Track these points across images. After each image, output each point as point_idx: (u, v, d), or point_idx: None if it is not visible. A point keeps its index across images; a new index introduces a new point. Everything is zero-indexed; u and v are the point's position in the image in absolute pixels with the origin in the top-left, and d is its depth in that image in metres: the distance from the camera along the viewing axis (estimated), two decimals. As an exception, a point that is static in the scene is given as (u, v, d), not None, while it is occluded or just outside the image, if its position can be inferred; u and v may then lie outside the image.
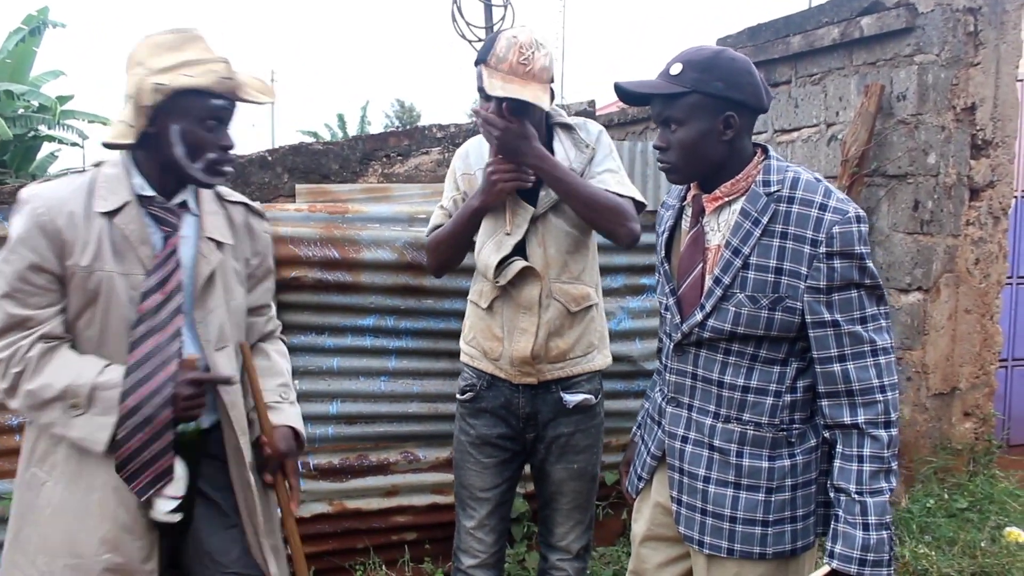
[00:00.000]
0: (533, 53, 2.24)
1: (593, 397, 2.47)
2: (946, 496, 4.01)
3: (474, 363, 2.49)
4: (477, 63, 2.29)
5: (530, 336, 2.36)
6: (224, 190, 2.12)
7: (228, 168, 1.93)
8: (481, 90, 2.26)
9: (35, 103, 16.46)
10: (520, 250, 2.36)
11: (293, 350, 3.39)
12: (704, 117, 1.77)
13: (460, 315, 3.44)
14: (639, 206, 2.41)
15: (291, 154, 5.54)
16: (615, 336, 3.44)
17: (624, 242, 2.37)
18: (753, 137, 1.94)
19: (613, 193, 2.35)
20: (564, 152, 2.40)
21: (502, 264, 2.34)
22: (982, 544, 3.59)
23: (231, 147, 1.92)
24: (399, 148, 5.64)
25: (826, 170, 4.63)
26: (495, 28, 5.37)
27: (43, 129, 17.18)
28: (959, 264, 4.18)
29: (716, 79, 1.76)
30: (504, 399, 2.44)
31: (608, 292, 3.49)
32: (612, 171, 2.43)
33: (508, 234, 2.35)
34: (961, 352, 4.25)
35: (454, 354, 3.13)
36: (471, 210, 2.36)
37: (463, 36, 5.41)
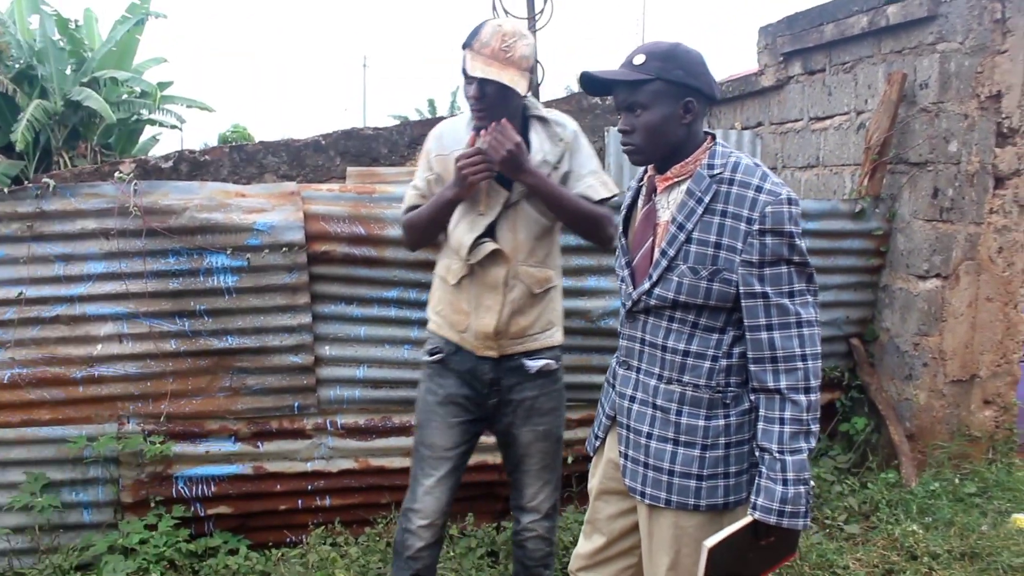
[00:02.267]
0: (515, 41, 2.41)
1: (554, 362, 2.68)
2: (957, 481, 4.06)
3: (441, 332, 2.69)
4: (463, 47, 2.47)
5: (494, 314, 2.56)
6: None
7: None
8: (464, 72, 2.45)
9: (138, 89, 17.44)
10: (491, 231, 2.55)
11: (323, 318, 3.71)
12: (666, 102, 1.94)
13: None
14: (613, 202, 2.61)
15: (343, 138, 5.88)
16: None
17: (602, 246, 2.61)
18: (789, 126, 2.07)
19: (594, 203, 2.55)
20: (539, 144, 2.57)
21: (475, 244, 2.53)
22: (983, 528, 3.64)
23: None
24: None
25: (855, 157, 4.68)
26: (537, 20, 5.49)
27: (145, 113, 18.20)
28: (981, 252, 4.19)
29: (677, 68, 1.93)
30: (470, 365, 2.64)
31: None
32: (595, 172, 2.62)
33: (481, 214, 2.54)
34: (982, 340, 4.27)
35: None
36: (446, 200, 2.52)
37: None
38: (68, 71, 16.36)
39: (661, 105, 1.94)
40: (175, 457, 3.60)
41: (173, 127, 19.03)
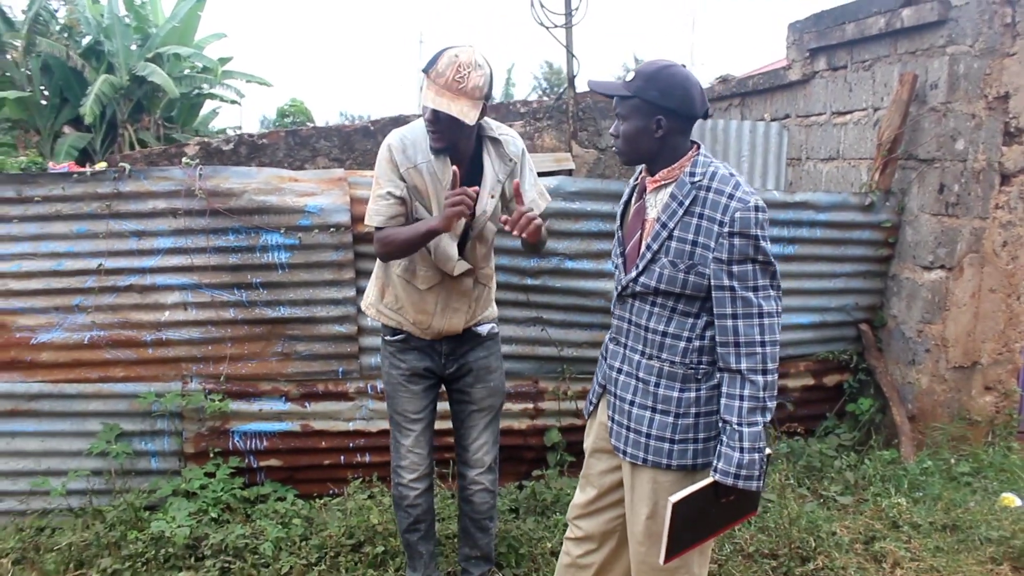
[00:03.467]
0: (469, 72, 2.61)
1: (495, 326, 3.14)
2: (952, 461, 4.32)
3: (393, 324, 3.03)
4: (423, 71, 2.69)
5: (462, 315, 2.98)
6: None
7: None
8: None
9: (199, 64, 18.07)
10: (461, 247, 2.91)
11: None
12: (641, 117, 2.27)
13: (510, 270, 4.03)
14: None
15: (391, 124, 6.24)
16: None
17: (536, 254, 3.17)
18: (813, 119, 2.24)
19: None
20: (490, 164, 2.87)
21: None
22: (970, 505, 3.91)
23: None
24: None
25: (871, 152, 4.91)
26: (573, 15, 5.78)
27: (206, 88, 18.86)
28: (986, 245, 4.42)
29: (654, 89, 2.25)
30: (428, 342, 3.03)
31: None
32: (535, 186, 2.98)
33: (456, 235, 2.87)
34: (984, 329, 4.51)
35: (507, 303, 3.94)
36: (429, 230, 2.69)
37: (541, 23, 5.85)
38: (133, 47, 17.01)
39: (636, 119, 2.26)
40: (232, 414, 4.03)
41: (233, 102, 19.64)
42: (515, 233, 2.57)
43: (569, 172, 6.01)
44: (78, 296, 3.91)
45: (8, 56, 16.75)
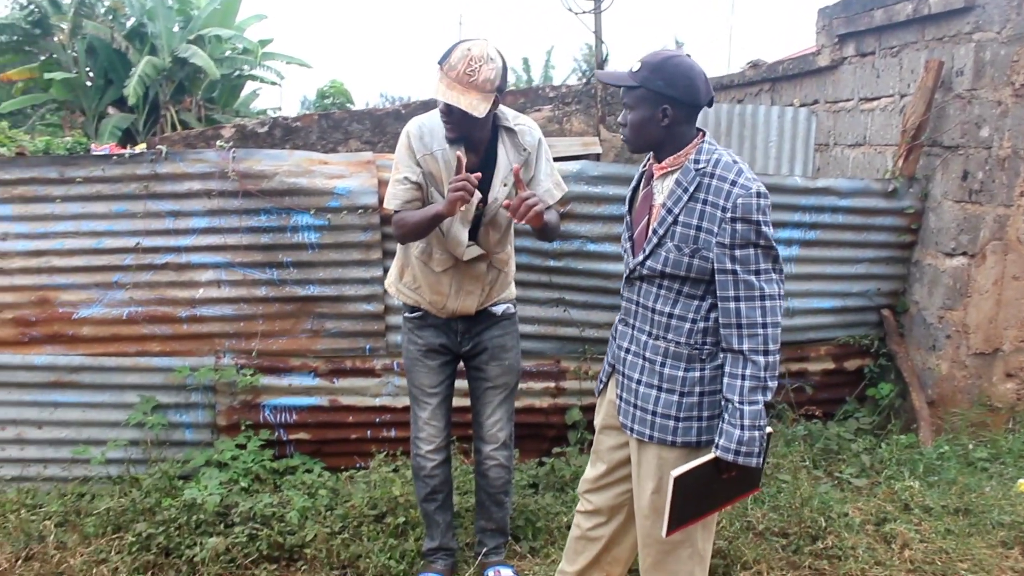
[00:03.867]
0: (481, 66, 2.69)
1: (512, 307, 3.21)
2: (970, 446, 4.34)
3: (412, 302, 3.15)
4: (438, 63, 2.77)
5: (475, 297, 3.09)
6: None
7: None
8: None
9: (240, 46, 18.31)
10: (474, 232, 3.00)
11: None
12: (647, 106, 2.34)
13: (533, 252, 4.12)
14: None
15: (421, 109, 6.35)
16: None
17: (548, 241, 3.21)
18: (840, 105, 2.27)
19: (548, 206, 2.96)
20: (504, 155, 2.96)
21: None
22: (986, 490, 3.94)
23: None
24: (515, 105, 6.33)
25: (897, 138, 4.91)
26: (602, 1, 5.83)
27: (246, 69, 19.09)
28: (1009, 233, 4.41)
29: (659, 79, 2.32)
30: (444, 320, 3.14)
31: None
32: (551, 176, 3.05)
33: (469, 221, 2.96)
34: (1006, 316, 4.51)
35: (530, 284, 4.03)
36: (436, 214, 2.80)
37: (570, 9, 5.91)
38: (175, 28, 17.28)
39: (643, 108, 2.34)
40: (263, 388, 4.19)
41: (273, 83, 19.87)
42: (516, 220, 2.66)
43: (597, 156, 6.07)
44: (117, 273, 4.08)
45: (55, 38, 17.12)
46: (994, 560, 3.43)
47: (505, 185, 2.96)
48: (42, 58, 17.84)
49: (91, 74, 17.37)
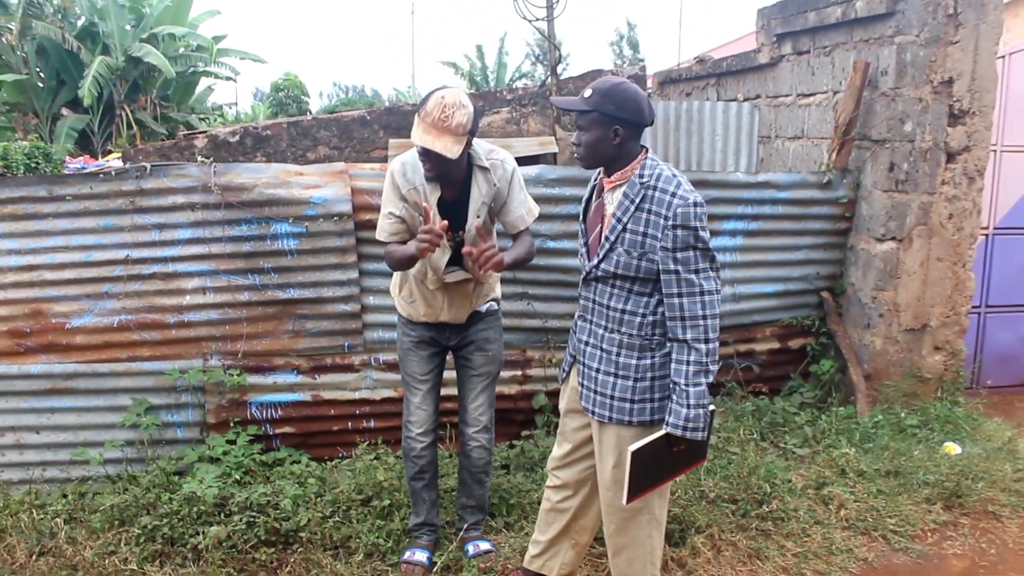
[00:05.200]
0: (453, 112, 3.00)
1: (496, 304, 3.57)
2: (902, 415, 4.77)
3: (407, 314, 3.50)
4: (416, 111, 3.10)
5: (466, 310, 3.46)
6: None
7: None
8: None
9: (194, 43, 18.25)
10: (457, 255, 3.29)
11: (368, 274, 4.53)
12: (600, 128, 2.67)
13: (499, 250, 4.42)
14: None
15: (386, 114, 6.63)
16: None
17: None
18: (780, 100, 2.53)
19: (520, 230, 3.36)
20: (478, 189, 3.29)
21: (446, 270, 3.32)
22: (915, 453, 4.36)
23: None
24: (475, 107, 6.57)
25: (831, 132, 5.31)
26: (555, 7, 6.11)
27: (201, 66, 18.99)
28: (933, 218, 4.83)
29: (610, 103, 2.65)
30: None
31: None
32: (523, 204, 3.40)
33: (450, 243, 3.28)
34: (932, 294, 4.93)
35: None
36: (410, 255, 3.15)
37: (524, 17, 6.19)
38: (128, 27, 17.20)
39: (596, 129, 2.67)
40: (249, 387, 4.46)
41: (228, 78, 19.85)
42: (478, 270, 3.04)
43: (554, 155, 6.39)
44: (107, 284, 4.32)
45: (3, 39, 16.96)
46: (919, 515, 3.86)
47: (479, 217, 3.29)
48: (-10, 60, 17.64)
49: (42, 75, 17.22)
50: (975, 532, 3.83)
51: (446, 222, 3.11)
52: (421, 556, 3.51)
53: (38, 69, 17.18)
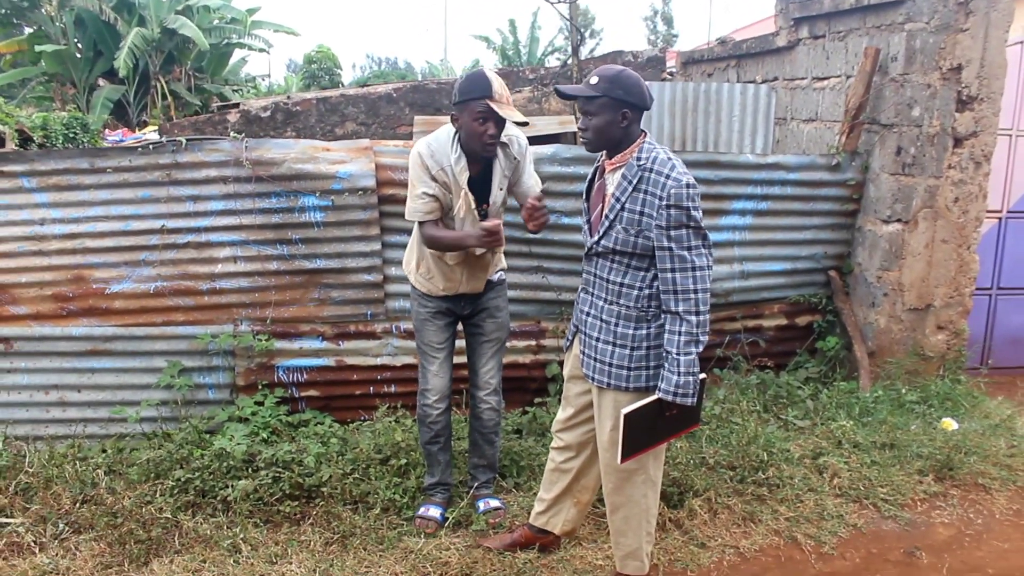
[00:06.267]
0: (506, 86, 3.37)
1: (503, 274, 3.81)
2: (903, 391, 4.92)
3: (425, 290, 3.71)
4: (480, 98, 3.29)
5: (483, 280, 3.69)
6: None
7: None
8: (493, 113, 3.29)
9: (228, 16, 18.52)
10: None
11: (390, 246, 4.73)
12: (609, 112, 2.86)
13: (515, 226, 4.63)
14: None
15: (411, 92, 6.83)
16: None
17: None
18: (796, 83, 2.70)
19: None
20: (499, 167, 3.54)
21: None
22: (912, 427, 4.53)
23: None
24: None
25: (842, 116, 5.43)
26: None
27: (235, 38, 19.31)
28: (939, 201, 4.96)
29: (618, 88, 2.84)
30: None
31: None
32: (532, 175, 3.66)
33: (478, 220, 3.50)
34: (936, 275, 5.07)
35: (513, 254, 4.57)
36: (466, 245, 3.43)
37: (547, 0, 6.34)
38: (163, -1, 17.51)
39: (605, 114, 2.85)
40: (276, 351, 4.72)
41: (261, 50, 20.13)
42: (530, 226, 3.25)
43: (573, 134, 6.55)
44: (144, 252, 4.58)
45: (43, 10, 17.32)
46: (910, 485, 4.03)
47: (501, 189, 3.54)
48: (29, 31, 18.02)
49: (80, 46, 17.59)
50: (964, 503, 4.00)
51: (499, 222, 3.37)
52: (435, 512, 3.75)
53: (76, 40, 17.56)
